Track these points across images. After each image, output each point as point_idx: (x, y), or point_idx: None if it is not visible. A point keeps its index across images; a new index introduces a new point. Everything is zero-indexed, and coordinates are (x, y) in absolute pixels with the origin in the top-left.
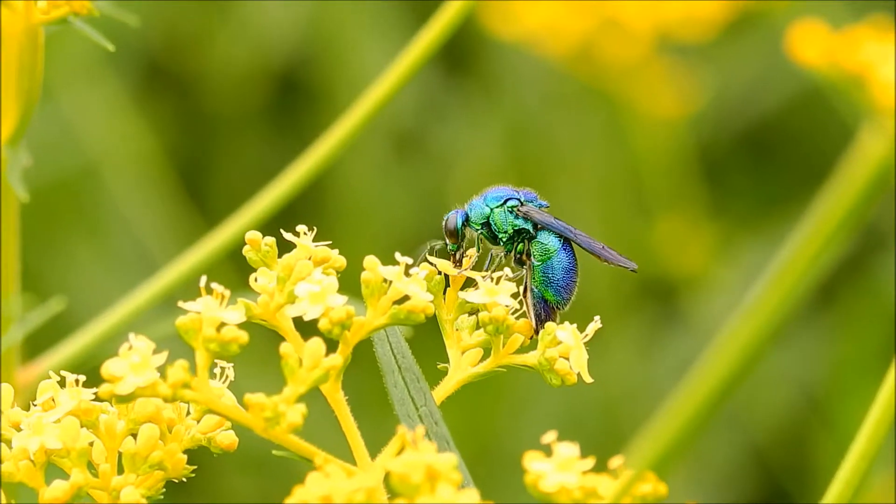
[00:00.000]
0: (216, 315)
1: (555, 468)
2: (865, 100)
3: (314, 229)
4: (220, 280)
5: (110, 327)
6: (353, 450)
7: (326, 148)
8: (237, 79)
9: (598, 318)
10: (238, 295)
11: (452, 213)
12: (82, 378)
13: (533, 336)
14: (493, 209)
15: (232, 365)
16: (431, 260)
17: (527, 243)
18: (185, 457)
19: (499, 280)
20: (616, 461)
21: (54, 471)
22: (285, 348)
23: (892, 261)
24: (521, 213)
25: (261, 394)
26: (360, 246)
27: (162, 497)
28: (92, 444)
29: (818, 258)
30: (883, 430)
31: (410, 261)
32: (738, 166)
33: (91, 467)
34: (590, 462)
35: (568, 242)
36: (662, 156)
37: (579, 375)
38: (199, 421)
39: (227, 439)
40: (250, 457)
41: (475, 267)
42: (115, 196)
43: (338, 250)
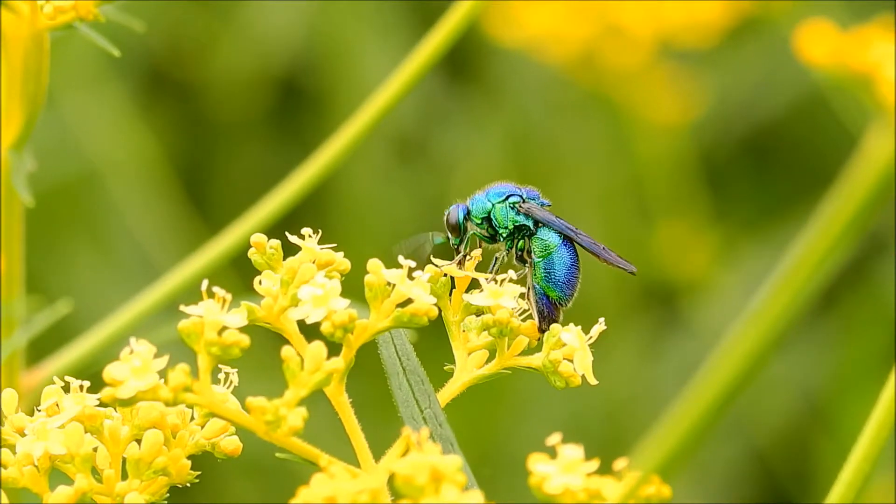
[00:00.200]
0: (218, 319)
1: (559, 470)
2: (872, 100)
3: (319, 232)
4: (223, 285)
5: (114, 332)
6: (357, 452)
7: (329, 154)
8: (240, 85)
9: (602, 321)
10: (242, 299)
11: (454, 207)
12: (86, 383)
13: (538, 334)
14: (494, 204)
15: (236, 370)
16: (436, 262)
17: (527, 240)
18: (189, 462)
19: (503, 282)
20: (620, 463)
21: (58, 476)
22: (286, 352)
23: (892, 266)
24: (522, 209)
25: (262, 397)
26: (362, 251)
27: (166, 502)
28: (96, 449)
29: (822, 263)
30: (885, 432)
31: (414, 264)
32: (740, 171)
33: (95, 473)
34: (594, 464)
35: (569, 240)
36: (665, 161)
37: (583, 377)
38: (203, 426)
39: (230, 444)
40: (254, 461)
41: (479, 268)
42: (118, 201)
43: (341, 254)
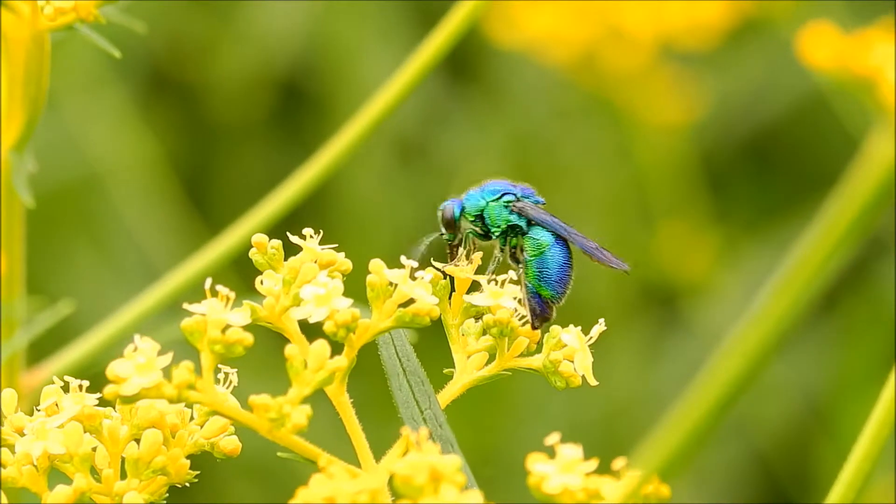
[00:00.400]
0: (221, 317)
1: (558, 470)
2: (874, 102)
3: (320, 232)
4: (223, 286)
5: (114, 333)
6: (358, 452)
7: (330, 156)
8: (241, 87)
9: (602, 321)
10: (243, 300)
11: (449, 203)
12: (86, 383)
13: (536, 335)
14: (488, 202)
15: (236, 370)
16: (437, 265)
17: (520, 238)
18: (188, 462)
19: (503, 283)
20: (619, 463)
21: (57, 476)
22: (290, 350)
23: (892, 268)
24: (515, 208)
25: (266, 395)
26: (363, 253)
27: (165, 502)
28: (95, 449)
29: (824, 266)
30: (886, 431)
31: (416, 264)
32: (741, 173)
33: (94, 472)
34: (593, 464)
35: (561, 239)
36: (666, 163)
37: (583, 378)
38: (202, 426)
39: (230, 444)
40: (253, 462)
41: (479, 269)
42: (119, 203)
43: (342, 255)
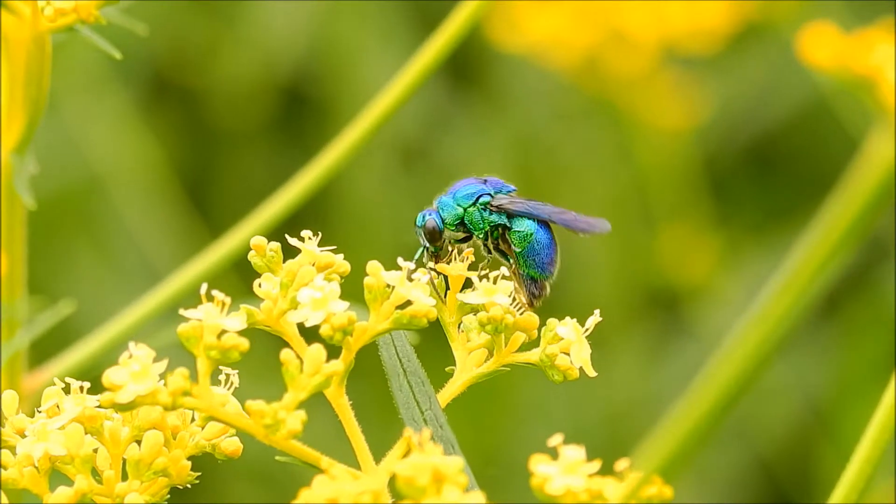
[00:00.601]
0: (217, 322)
1: (561, 471)
2: (875, 102)
3: (319, 234)
4: (224, 289)
5: (115, 335)
6: (358, 454)
7: (331, 159)
8: (243, 91)
9: (597, 312)
10: (244, 302)
11: (429, 217)
12: (87, 385)
13: (533, 320)
14: (466, 209)
15: (237, 371)
16: (430, 265)
17: (503, 232)
18: (189, 463)
19: (496, 279)
20: (621, 464)
21: (59, 477)
22: (285, 355)
23: (893, 271)
24: (494, 207)
25: (261, 400)
26: (365, 256)
27: (166, 503)
28: (96, 450)
29: (823, 268)
30: (887, 434)
31: (413, 266)
32: (744, 177)
33: (95, 474)
34: (596, 465)
35: (541, 221)
36: (668, 166)
37: (583, 371)
38: (203, 427)
39: (231, 446)
40: (255, 463)
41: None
42: (119, 208)
43: (342, 257)
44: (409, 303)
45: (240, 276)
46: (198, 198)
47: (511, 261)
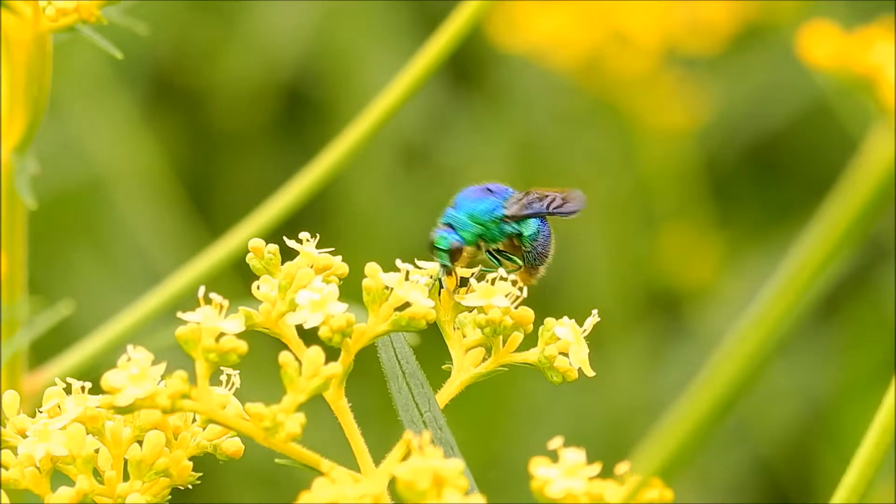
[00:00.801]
0: (215, 325)
1: (561, 474)
2: (875, 102)
3: (317, 236)
4: (225, 290)
5: (116, 336)
6: (357, 457)
7: (332, 159)
8: (244, 93)
9: (595, 312)
10: (243, 304)
11: (452, 238)
12: (88, 385)
13: (530, 319)
14: (484, 225)
15: (238, 372)
16: (423, 264)
17: (514, 240)
18: (190, 464)
19: (493, 280)
20: (622, 467)
21: (60, 477)
22: (284, 357)
23: (893, 273)
24: (509, 219)
25: (260, 403)
26: (366, 258)
27: None
28: (97, 450)
29: (822, 269)
30: (888, 437)
31: (412, 268)
32: (746, 178)
33: (97, 474)
34: (596, 468)
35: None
36: (669, 167)
37: (581, 371)
38: (204, 428)
39: (232, 446)
40: (256, 464)
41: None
42: (120, 208)
43: (341, 259)
44: (407, 304)
45: (241, 277)
46: (199, 199)
47: (517, 260)
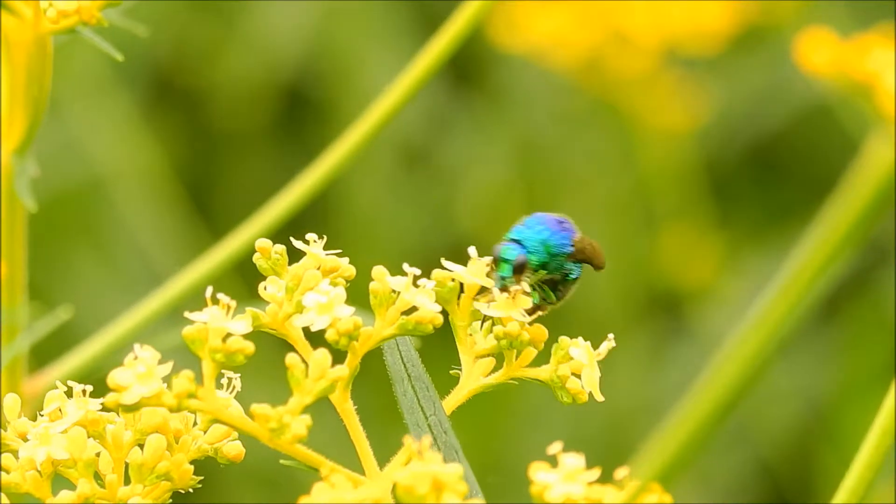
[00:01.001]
0: (222, 325)
1: (560, 479)
2: (872, 109)
3: (324, 238)
4: (226, 292)
5: (117, 338)
6: (362, 460)
7: (333, 160)
8: (245, 94)
9: (611, 337)
10: (247, 305)
11: (520, 253)
12: (89, 388)
13: (543, 337)
14: (553, 256)
15: (239, 375)
16: (449, 265)
17: (562, 277)
18: (191, 467)
19: (515, 294)
20: (621, 472)
21: (61, 481)
22: (291, 359)
23: (893, 275)
24: (573, 258)
25: (266, 404)
26: (367, 260)
27: None
28: (99, 454)
29: (823, 270)
30: (888, 439)
31: (419, 271)
32: (746, 179)
33: (98, 478)
34: (595, 473)
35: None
36: (669, 168)
37: (590, 394)
38: (205, 431)
39: (233, 450)
40: (257, 468)
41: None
42: (121, 210)
43: (346, 261)
44: (414, 308)
45: (242, 279)
46: (199, 199)
47: (551, 296)
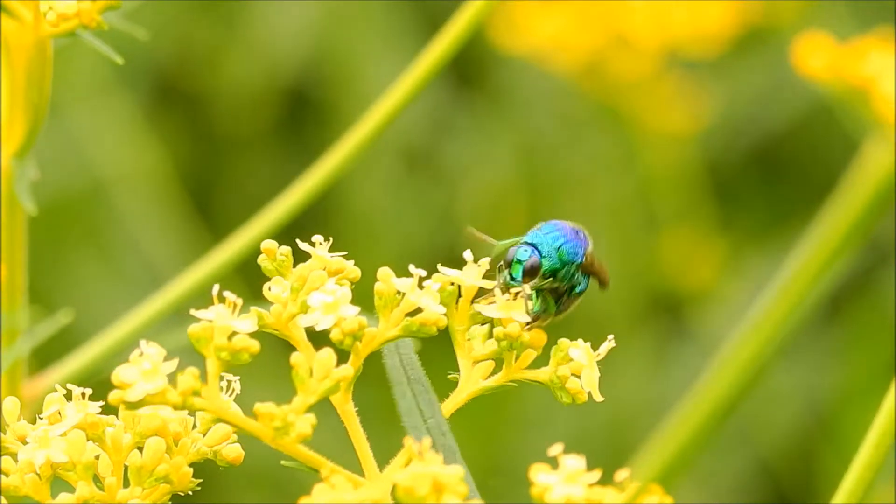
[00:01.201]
0: (228, 323)
1: (561, 481)
2: (870, 113)
3: (330, 239)
4: (228, 292)
5: (117, 341)
6: (362, 461)
7: (334, 162)
8: (247, 96)
9: (611, 338)
10: (250, 306)
11: (534, 255)
12: (88, 391)
13: (541, 342)
14: (566, 264)
15: (238, 378)
16: (445, 270)
17: (570, 289)
18: (190, 470)
19: (517, 295)
20: (622, 474)
21: (60, 484)
22: (296, 358)
23: (893, 276)
24: (583, 269)
25: (270, 403)
26: (369, 261)
27: None
28: (98, 457)
29: (824, 272)
30: (888, 440)
31: (424, 273)
32: (748, 181)
33: (97, 480)
34: (596, 475)
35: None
36: (671, 171)
37: (590, 394)
38: (205, 434)
39: (232, 452)
40: (257, 470)
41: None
42: (123, 213)
43: (351, 262)
44: (419, 310)
45: (244, 280)
46: (201, 202)
47: (553, 306)
